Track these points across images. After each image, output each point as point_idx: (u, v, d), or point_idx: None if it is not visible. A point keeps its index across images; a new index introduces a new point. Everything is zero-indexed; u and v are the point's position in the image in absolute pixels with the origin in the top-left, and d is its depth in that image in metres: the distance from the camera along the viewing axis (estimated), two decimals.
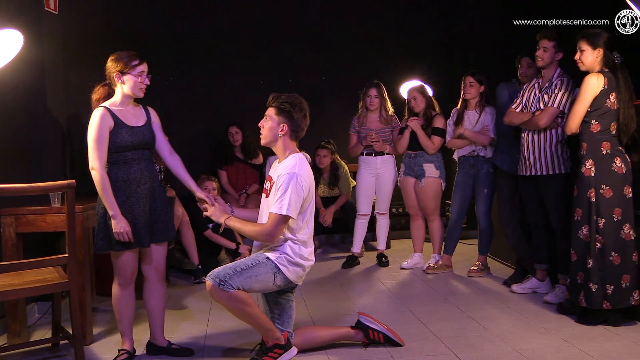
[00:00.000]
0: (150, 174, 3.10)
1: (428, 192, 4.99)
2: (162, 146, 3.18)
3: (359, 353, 3.20)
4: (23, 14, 3.74)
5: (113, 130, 2.98)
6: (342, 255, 5.64)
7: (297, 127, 3.07)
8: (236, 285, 2.87)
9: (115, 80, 3.01)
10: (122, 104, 3.06)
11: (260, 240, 3.01)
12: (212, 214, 3.08)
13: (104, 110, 2.99)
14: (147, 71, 3.05)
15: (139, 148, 3.06)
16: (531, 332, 3.47)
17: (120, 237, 2.95)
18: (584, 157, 3.56)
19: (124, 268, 3.08)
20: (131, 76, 3.00)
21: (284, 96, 3.07)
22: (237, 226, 3.05)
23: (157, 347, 3.25)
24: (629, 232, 3.50)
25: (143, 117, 3.12)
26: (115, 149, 2.99)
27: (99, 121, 2.95)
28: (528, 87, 4.10)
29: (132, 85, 3.01)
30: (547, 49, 3.92)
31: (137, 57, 3.01)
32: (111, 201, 2.94)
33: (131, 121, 3.05)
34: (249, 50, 6.22)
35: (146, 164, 3.10)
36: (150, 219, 3.09)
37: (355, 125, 5.24)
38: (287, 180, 2.95)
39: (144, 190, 3.06)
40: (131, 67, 2.99)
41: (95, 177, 2.94)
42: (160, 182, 3.34)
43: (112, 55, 3.03)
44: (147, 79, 3.05)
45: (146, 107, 3.18)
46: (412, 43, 6.43)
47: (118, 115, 3.01)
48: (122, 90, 3.03)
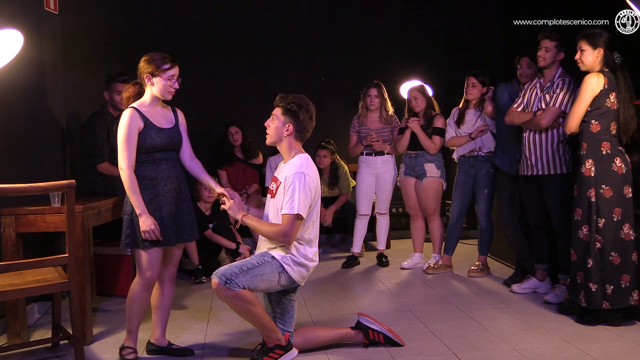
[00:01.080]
0: (177, 174, 3.12)
1: (429, 192, 4.99)
2: (184, 150, 3.20)
3: (359, 353, 3.20)
4: (23, 14, 3.74)
5: (143, 131, 2.99)
6: (342, 255, 5.64)
7: (302, 128, 3.07)
8: (242, 284, 2.88)
9: (146, 81, 3.03)
10: (151, 104, 3.07)
11: (277, 240, 3.01)
12: (230, 208, 3.08)
13: (133, 111, 3.00)
14: (178, 75, 3.07)
15: (167, 150, 3.08)
16: (531, 332, 3.47)
17: (148, 236, 2.95)
18: (584, 157, 3.56)
19: (151, 267, 3.05)
20: (161, 79, 3.01)
21: (291, 97, 3.07)
22: (253, 224, 3.05)
23: (158, 347, 3.25)
24: (628, 232, 3.50)
25: (172, 119, 3.14)
26: (145, 150, 3.01)
27: (128, 122, 2.96)
28: (529, 86, 4.10)
29: (161, 88, 3.03)
30: (549, 49, 3.92)
31: (169, 61, 3.03)
32: (138, 200, 2.95)
33: (160, 122, 3.06)
34: (249, 50, 6.22)
35: (174, 164, 3.13)
36: (176, 219, 3.10)
37: (356, 125, 5.24)
38: (295, 180, 2.95)
39: (171, 189, 3.07)
40: (162, 70, 3.00)
41: (124, 176, 2.95)
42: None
43: (146, 56, 3.04)
44: (177, 83, 3.07)
45: (174, 109, 3.20)
46: (412, 43, 6.43)
47: (147, 116, 3.02)
48: (151, 91, 3.05)
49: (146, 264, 3.04)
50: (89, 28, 4.80)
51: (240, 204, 3.11)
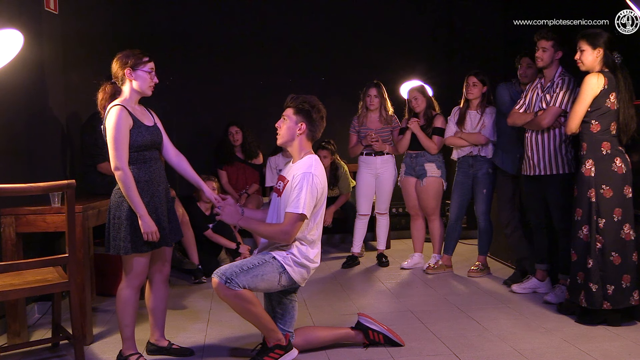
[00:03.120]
0: (164, 174, 3.10)
1: (429, 191, 4.99)
2: (167, 148, 3.15)
3: (359, 353, 3.20)
4: (23, 14, 3.74)
5: (133, 129, 2.92)
6: (342, 255, 5.64)
7: (314, 128, 3.07)
8: (242, 284, 2.87)
9: (127, 76, 2.95)
10: (131, 101, 2.99)
11: (277, 240, 2.99)
12: (225, 217, 3.04)
13: (121, 107, 2.91)
14: (155, 69, 3.02)
15: (153, 148, 3.04)
16: (531, 332, 3.47)
17: (150, 237, 2.90)
18: (584, 157, 3.56)
19: (144, 271, 3.02)
20: (143, 72, 2.95)
21: (302, 97, 3.07)
22: (252, 227, 3.03)
23: (158, 347, 3.25)
24: (629, 232, 3.50)
25: (150, 117, 3.09)
26: (136, 149, 2.93)
27: (117, 119, 2.87)
28: (531, 87, 4.10)
29: (143, 81, 2.96)
30: (546, 49, 3.92)
31: (145, 55, 2.99)
32: (138, 201, 2.88)
33: (144, 120, 3.01)
34: (249, 50, 6.22)
35: (160, 164, 3.09)
36: (168, 219, 3.08)
37: (355, 125, 5.24)
38: (302, 180, 2.95)
39: (162, 190, 3.05)
40: (142, 63, 2.95)
41: (121, 176, 2.87)
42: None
43: (118, 54, 2.99)
44: (156, 77, 3.02)
45: (148, 108, 3.16)
46: (412, 43, 6.43)
47: (133, 113, 2.96)
48: (131, 87, 2.97)
49: (141, 268, 3.00)
50: (89, 28, 4.80)
51: (234, 208, 3.06)
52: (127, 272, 3.00)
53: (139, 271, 3.00)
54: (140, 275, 3.02)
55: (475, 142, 4.70)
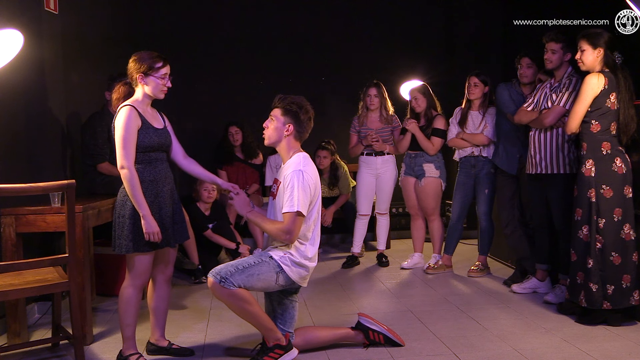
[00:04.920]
0: (171, 175, 3.12)
1: (428, 192, 4.99)
2: (177, 150, 3.17)
3: (359, 353, 3.20)
4: (23, 14, 3.74)
5: (141, 129, 2.95)
6: (342, 255, 5.64)
7: (302, 129, 3.08)
8: (237, 283, 2.87)
9: (138, 81, 2.98)
10: (143, 104, 3.02)
11: (280, 238, 3.00)
12: (236, 204, 3.08)
13: (131, 108, 2.93)
14: (169, 73, 3.03)
15: (161, 150, 3.06)
16: (531, 332, 3.47)
17: (151, 237, 2.91)
18: (584, 157, 3.56)
19: (146, 270, 3.03)
20: (154, 78, 2.97)
21: (290, 97, 3.07)
22: (257, 221, 3.05)
23: (158, 347, 3.25)
24: (629, 232, 3.50)
25: (160, 120, 3.12)
26: (143, 149, 2.96)
27: (127, 120, 2.90)
28: (541, 86, 4.10)
29: (155, 87, 2.99)
30: (555, 51, 3.91)
31: (160, 59, 2.99)
32: (142, 200, 2.90)
33: (153, 122, 3.04)
34: (249, 50, 6.22)
35: (166, 165, 3.10)
36: (172, 220, 3.09)
37: (356, 125, 5.24)
38: (292, 178, 2.95)
39: (167, 190, 3.06)
40: (155, 69, 2.97)
41: (126, 175, 2.89)
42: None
43: (134, 56, 3.00)
44: (169, 81, 3.03)
45: (159, 111, 3.18)
46: (412, 43, 6.43)
47: (143, 115, 2.99)
48: (143, 90, 3.00)
49: (143, 267, 3.01)
50: (89, 28, 4.80)
51: (246, 200, 3.11)
52: (130, 271, 3.03)
53: (141, 270, 3.01)
54: (143, 274, 3.03)
55: (478, 142, 4.70)
